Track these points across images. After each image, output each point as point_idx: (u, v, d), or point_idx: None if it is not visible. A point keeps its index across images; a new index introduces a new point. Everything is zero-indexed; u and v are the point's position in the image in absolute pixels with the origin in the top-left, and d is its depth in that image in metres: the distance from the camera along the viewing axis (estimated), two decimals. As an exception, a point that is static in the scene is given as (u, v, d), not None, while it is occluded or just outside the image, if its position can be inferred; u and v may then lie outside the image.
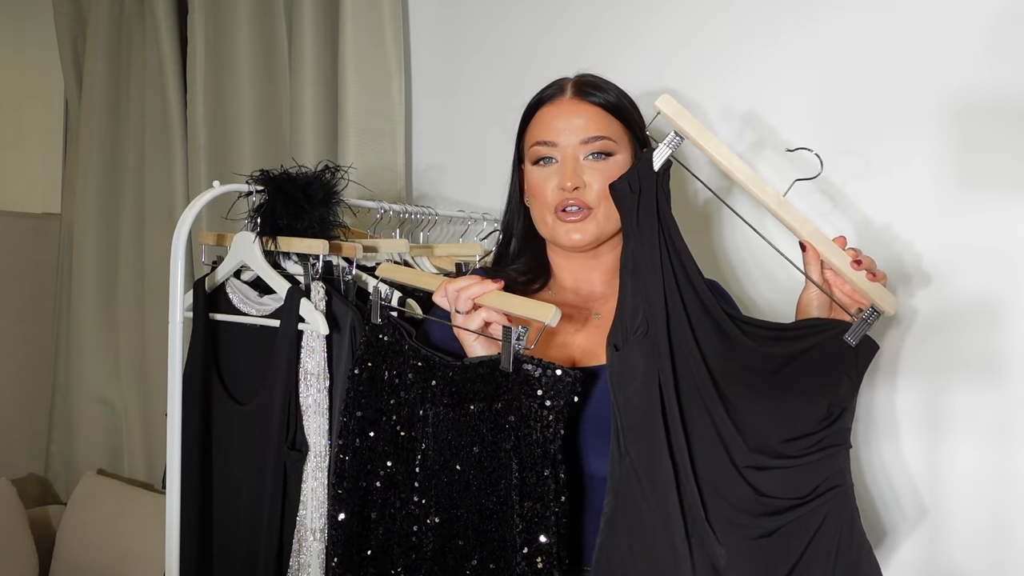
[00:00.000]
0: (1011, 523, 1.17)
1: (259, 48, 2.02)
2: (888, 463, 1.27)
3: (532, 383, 0.89)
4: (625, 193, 0.94)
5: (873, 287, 0.95)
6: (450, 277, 1.06)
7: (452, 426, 0.96)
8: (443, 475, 0.96)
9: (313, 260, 1.24)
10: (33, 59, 2.77)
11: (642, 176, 0.93)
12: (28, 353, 2.49)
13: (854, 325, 0.94)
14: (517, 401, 0.90)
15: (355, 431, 1.09)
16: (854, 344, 0.94)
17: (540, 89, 1.10)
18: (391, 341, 1.08)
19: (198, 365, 1.27)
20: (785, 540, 0.90)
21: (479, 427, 0.93)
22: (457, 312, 0.98)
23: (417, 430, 1.01)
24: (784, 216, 0.94)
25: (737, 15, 1.39)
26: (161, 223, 2.17)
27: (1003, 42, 1.16)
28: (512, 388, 0.90)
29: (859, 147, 1.27)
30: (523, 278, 1.11)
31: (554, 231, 1.06)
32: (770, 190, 0.93)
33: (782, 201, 0.94)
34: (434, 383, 0.99)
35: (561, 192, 1.03)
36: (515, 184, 1.14)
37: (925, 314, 1.23)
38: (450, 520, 0.95)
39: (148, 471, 2.30)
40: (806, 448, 0.92)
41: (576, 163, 1.03)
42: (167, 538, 1.20)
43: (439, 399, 0.98)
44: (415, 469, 1.00)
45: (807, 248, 0.96)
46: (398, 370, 1.06)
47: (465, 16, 1.77)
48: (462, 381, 0.96)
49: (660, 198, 0.93)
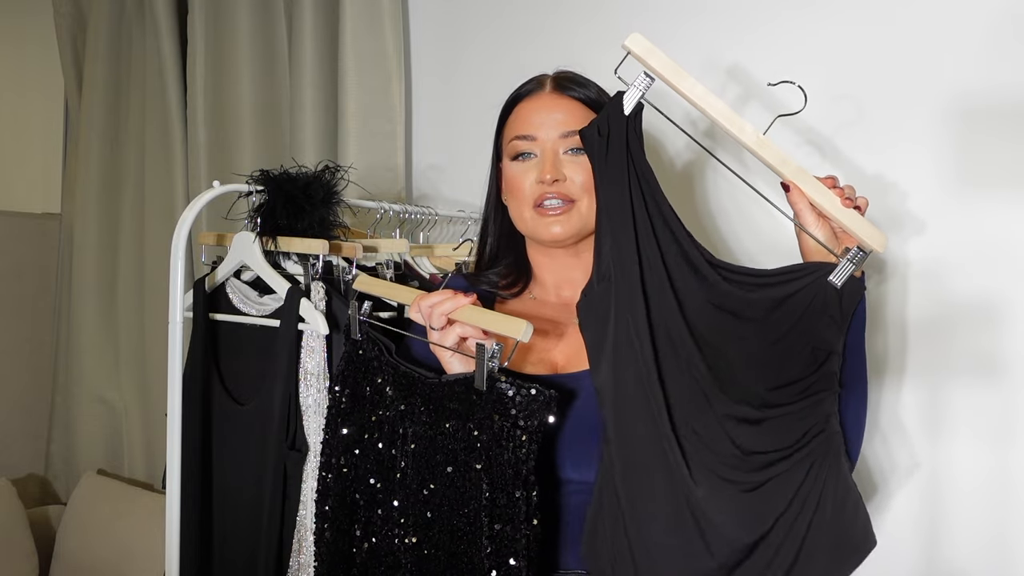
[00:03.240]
0: (1011, 523, 1.17)
1: (259, 48, 2.02)
2: (888, 463, 1.27)
3: (505, 402, 0.87)
4: (593, 138, 0.91)
5: (861, 225, 0.89)
6: (451, 281, 1.05)
7: (429, 444, 0.94)
8: (419, 494, 0.94)
9: (313, 260, 1.24)
10: (33, 59, 2.77)
11: (612, 120, 0.90)
12: (28, 353, 2.49)
13: (839, 265, 0.89)
14: (489, 420, 0.88)
15: (339, 448, 1.06)
16: (839, 285, 0.89)
17: (518, 86, 1.09)
18: (371, 357, 1.05)
19: (198, 365, 1.27)
20: (773, 491, 0.88)
21: (452, 446, 0.91)
22: (432, 328, 0.95)
23: (397, 447, 0.99)
24: (764, 155, 0.89)
25: (737, 15, 1.39)
26: (161, 223, 2.17)
27: (1003, 41, 1.16)
28: (485, 407, 0.88)
29: (859, 147, 1.27)
30: (504, 281, 1.10)
31: (534, 227, 1.04)
32: (749, 128, 0.88)
33: (762, 140, 0.89)
34: (413, 400, 0.97)
35: (540, 186, 1.01)
36: (493, 182, 1.13)
37: (925, 313, 1.23)
38: (425, 540, 0.93)
39: (148, 471, 2.30)
40: (795, 395, 0.89)
41: (556, 157, 1.01)
42: (167, 538, 1.20)
43: (418, 417, 0.96)
44: (395, 487, 0.98)
45: (790, 188, 0.91)
46: (378, 386, 1.04)
47: (465, 16, 1.77)
48: (439, 399, 0.94)
49: (631, 140, 0.90)
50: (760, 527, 0.88)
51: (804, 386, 0.90)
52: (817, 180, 0.90)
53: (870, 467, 1.28)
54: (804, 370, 0.90)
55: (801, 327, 0.90)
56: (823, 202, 0.89)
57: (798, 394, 0.90)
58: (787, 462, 0.89)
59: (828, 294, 0.90)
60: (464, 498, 0.89)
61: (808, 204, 0.90)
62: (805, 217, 0.91)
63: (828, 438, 0.90)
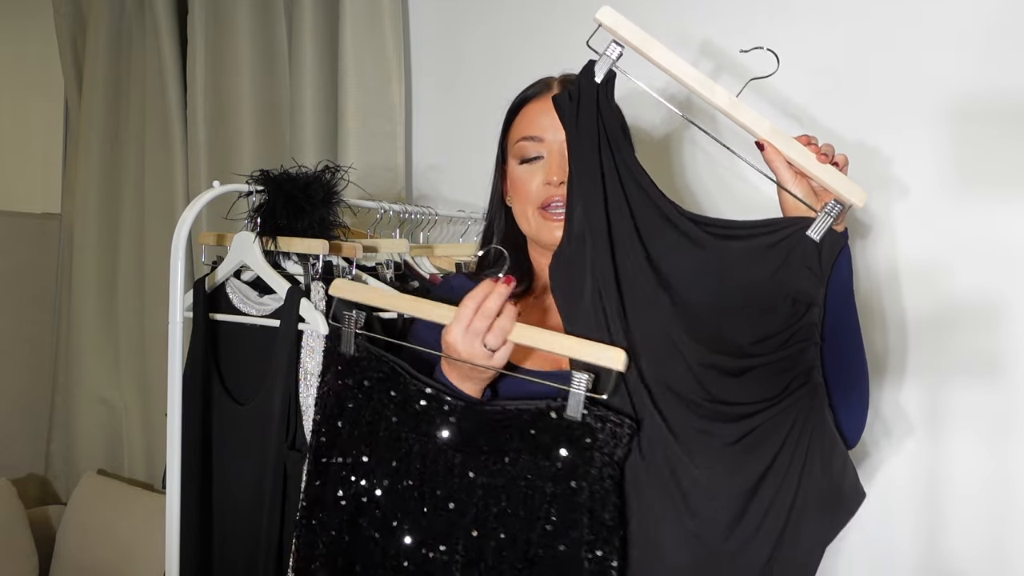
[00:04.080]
0: (1011, 522, 1.17)
1: (259, 48, 2.02)
2: (888, 463, 1.27)
3: (594, 433, 0.84)
4: (564, 104, 0.92)
5: (839, 180, 0.90)
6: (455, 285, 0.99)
7: (488, 476, 0.87)
8: (472, 530, 0.87)
9: (313, 260, 1.24)
10: (33, 59, 2.77)
11: (583, 86, 0.91)
12: (28, 353, 2.49)
13: (817, 219, 0.89)
14: (580, 455, 0.84)
15: (339, 508, 0.95)
16: (817, 239, 0.89)
17: (524, 88, 1.10)
18: (379, 377, 0.95)
19: (198, 365, 1.26)
20: (755, 443, 0.88)
21: (529, 480, 0.85)
22: (486, 346, 0.87)
23: (453, 491, 0.89)
24: (738, 116, 0.90)
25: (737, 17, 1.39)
26: (161, 223, 2.17)
27: (1003, 41, 1.16)
28: (573, 439, 0.84)
29: (859, 146, 1.27)
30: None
31: (537, 229, 1.05)
32: (720, 90, 0.89)
33: (734, 101, 0.90)
34: (454, 425, 0.89)
35: (547, 188, 1.02)
36: (497, 183, 1.14)
37: (925, 313, 1.23)
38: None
39: (148, 471, 2.30)
40: (776, 347, 0.89)
41: (563, 158, 1.01)
42: (167, 538, 1.20)
43: (458, 445, 0.88)
44: (421, 521, 0.89)
45: (765, 147, 0.91)
46: (388, 412, 0.93)
47: (465, 15, 1.77)
48: (496, 426, 0.86)
49: (603, 105, 0.91)
50: (744, 482, 0.87)
51: (784, 337, 0.90)
52: (792, 139, 0.90)
53: (871, 466, 1.28)
54: (784, 322, 0.90)
55: (779, 277, 0.90)
56: (799, 159, 0.90)
57: (779, 346, 0.89)
58: (769, 412, 0.88)
59: (807, 247, 0.90)
60: (559, 531, 0.85)
61: (785, 162, 0.91)
62: (782, 175, 0.92)
63: (812, 390, 0.89)
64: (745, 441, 0.88)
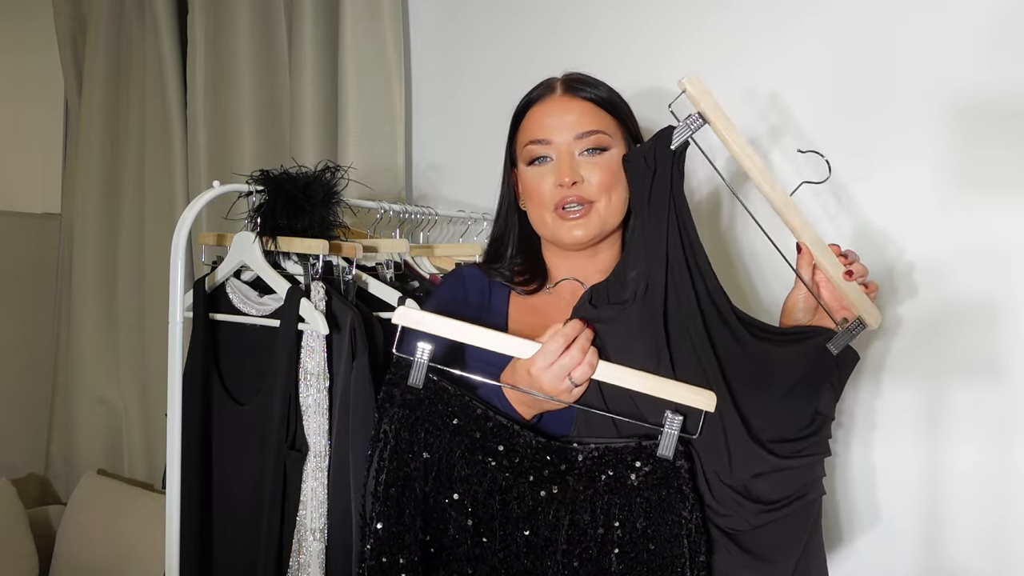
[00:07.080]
0: (1011, 522, 1.17)
1: (259, 48, 2.02)
2: (888, 462, 1.27)
3: (681, 472, 0.89)
4: (639, 168, 0.92)
5: (861, 299, 0.95)
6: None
7: (582, 509, 0.90)
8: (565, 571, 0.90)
9: (313, 260, 1.24)
10: (33, 59, 2.77)
11: (659, 152, 0.91)
12: (28, 353, 2.49)
13: (838, 334, 0.94)
14: (675, 491, 0.89)
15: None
16: (835, 353, 0.94)
17: (528, 91, 1.09)
18: (459, 424, 0.91)
19: (198, 365, 1.27)
20: (761, 536, 0.92)
21: (623, 517, 0.90)
22: (569, 382, 0.89)
23: (552, 539, 0.90)
24: (788, 217, 0.93)
25: (737, 15, 1.39)
26: (161, 223, 2.17)
27: (1003, 42, 1.16)
28: (668, 477, 0.89)
29: (859, 147, 1.27)
30: (520, 278, 1.10)
31: (555, 231, 1.04)
32: (779, 188, 0.92)
33: (788, 201, 0.92)
34: (551, 464, 0.91)
35: (560, 189, 1.02)
36: (507, 188, 1.13)
37: (925, 313, 1.23)
38: None
39: (148, 471, 2.30)
40: (792, 452, 0.92)
41: (572, 159, 1.02)
42: (167, 538, 1.20)
43: (570, 495, 0.90)
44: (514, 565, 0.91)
45: (803, 250, 0.96)
46: (478, 450, 0.91)
47: (465, 16, 1.77)
48: (592, 466, 0.90)
49: (675, 177, 0.91)
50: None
51: (801, 446, 0.93)
52: (828, 249, 0.95)
53: (871, 466, 1.28)
54: (801, 431, 0.94)
55: (804, 389, 0.94)
56: (831, 271, 0.96)
57: (795, 452, 0.93)
58: (768, 516, 0.92)
59: (827, 360, 0.95)
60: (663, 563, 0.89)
61: (812, 267, 0.98)
62: (805, 275, 1.00)
63: (809, 504, 0.95)
64: (746, 533, 0.93)
